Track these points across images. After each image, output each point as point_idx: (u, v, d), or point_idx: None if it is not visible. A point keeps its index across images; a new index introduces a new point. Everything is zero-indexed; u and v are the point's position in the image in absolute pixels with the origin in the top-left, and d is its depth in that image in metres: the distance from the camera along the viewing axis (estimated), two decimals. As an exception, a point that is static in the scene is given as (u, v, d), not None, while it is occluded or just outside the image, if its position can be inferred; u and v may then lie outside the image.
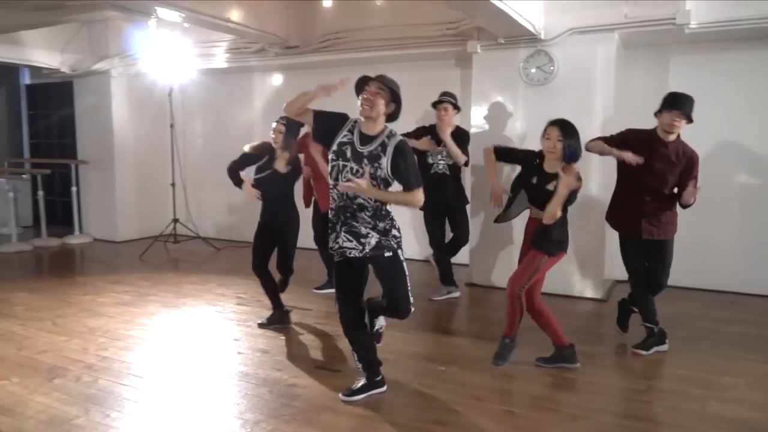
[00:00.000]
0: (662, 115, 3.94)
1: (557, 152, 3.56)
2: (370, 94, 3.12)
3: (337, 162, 3.19)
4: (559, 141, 3.55)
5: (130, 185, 8.63)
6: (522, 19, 4.97)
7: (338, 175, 3.18)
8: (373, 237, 3.19)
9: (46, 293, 5.66)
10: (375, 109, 3.11)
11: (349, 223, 3.20)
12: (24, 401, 3.30)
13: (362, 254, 3.19)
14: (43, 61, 8.17)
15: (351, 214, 3.20)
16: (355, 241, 3.19)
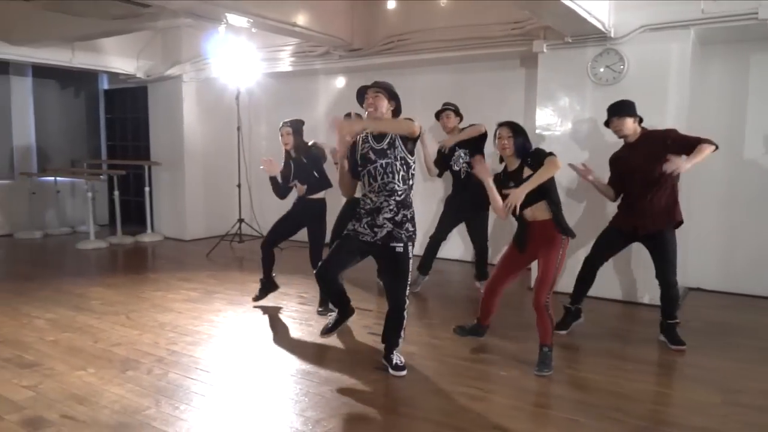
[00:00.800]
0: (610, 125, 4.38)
1: (511, 148, 3.86)
2: (371, 98, 3.61)
3: (365, 169, 3.66)
4: (510, 137, 3.85)
5: (199, 186, 8.93)
6: (591, 17, 4.84)
7: (371, 179, 3.63)
8: (386, 227, 3.62)
9: (120, 289, 5.91)
10: (379, 110, 3.59)
11: (373, 216, 3.64)
12: (99, 391, 3.45)
13: (373, 240, 3.64)
14: (120, 67, 8.58)
15: (377, 209, 3.62)
16: (369, 230, 3.65)
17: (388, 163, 3.59)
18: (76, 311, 5.08)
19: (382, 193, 3.61)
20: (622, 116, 4.26)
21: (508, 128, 3.89)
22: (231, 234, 8.36)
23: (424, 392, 3.51)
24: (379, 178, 3.61)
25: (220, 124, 8.88)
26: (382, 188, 3.61)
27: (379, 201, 3.62)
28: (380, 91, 3.62)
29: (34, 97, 9.46)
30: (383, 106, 3.61)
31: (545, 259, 3.81)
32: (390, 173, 3.59)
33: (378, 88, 3.63)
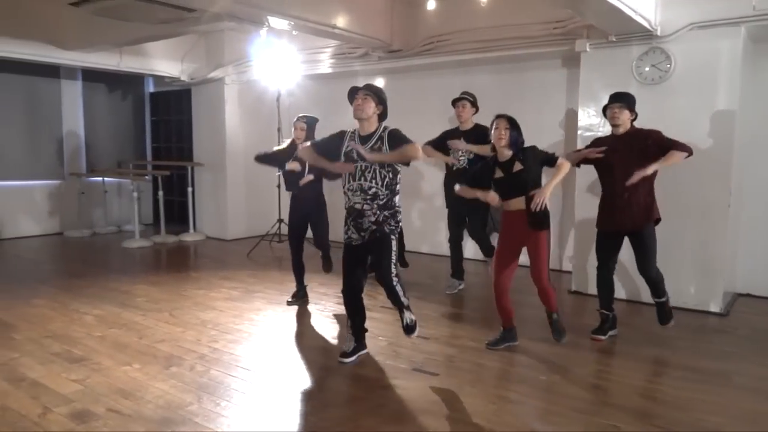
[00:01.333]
0: (606, 112, 4.40)
1: (506, 139, 3.98)
2: (360, 100, 3.77)
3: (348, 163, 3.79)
4: (507, 129, 3.97)
5: (240, 186, 9.08)
6: (637, 15, 4.73)
7: (351, 177, 3.80)
8: (370, 229, 3.80)
9: (164, 286, 6.05)
10: (365, 112, 3.77)
11: (356, 220, 3.82)
12: (144, 386, 3.54)
13: (362, 242, 3.85)
14: (166, 71, 8.81)
15: (358, 212, 3.79)
16: (357, 234, 3.85)
17: (367, 166, 3.74)
18: (122, 308, 5.22)
19: (359, 194, 3.77)
20: (623, 106, 4.27)
21: (506, 120, 4.02)
22: (271, 234, 8.46)
23: (462, 395, 3.48)
24: (358, 178, 3.77)
25: (260, 126, 9.01)
26: (359, 189, 3.77)
27: (360, 203, 3.78)
28: (369, 95, 3.79)
29: (84, 100, 9.77)
30: (370, 108, 3.77)
31: (535, 244, 4.02)
32: (370, 177, 3.75)
33: (368, 91, 3.80)
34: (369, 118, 3.79)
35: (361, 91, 3.81)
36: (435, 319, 4.97)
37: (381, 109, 3.83)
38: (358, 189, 3.78)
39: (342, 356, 3.98)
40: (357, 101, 3.79)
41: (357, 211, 3.80)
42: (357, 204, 3.79)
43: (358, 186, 3.77)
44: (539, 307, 5.29)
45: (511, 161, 4.02)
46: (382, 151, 3.73)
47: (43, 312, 5.05)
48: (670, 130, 5.12)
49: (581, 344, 4.34)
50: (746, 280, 5.71)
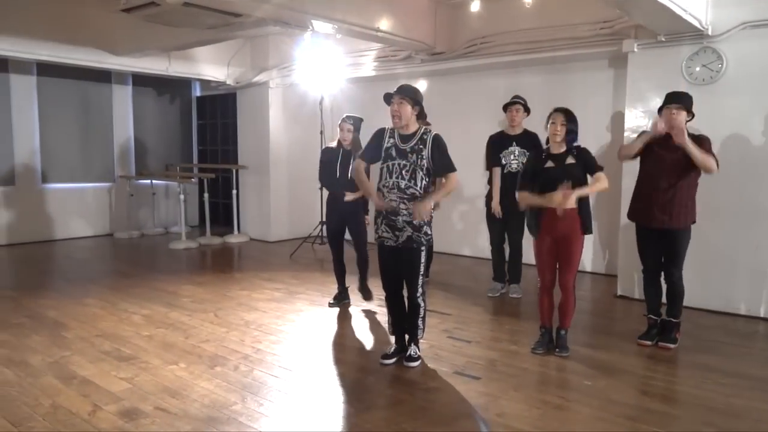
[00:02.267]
0: (663, 111, 4.17)
1: (562, 135, 3.95)
2: (396, 106, 3.75)
3: (385, 163, 3.84)
4: (563, 125, 3.94)
5: (283, 189, 9.19)
6: (687, 14, 4.60)
7: (388, 173, 3.80)
8: (406, 231, 3.79)
9: (209, 287, 6.17)
10: (403, 118, 3.75)
11: (389, 218, 3.81)
12: (190, 385, 3.61)
13: (396, 244, 3.83)
14: (212, 75, 8.99)
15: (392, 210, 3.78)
16: (391, 233, 3.83)
17: (406, 165, 3.75)
18: (168, 308, 5.34)
19: (396, 191, 3.76)
20: (681, 107, 4.11)
21: (564, 116, 3.97)
22: (313, 236, 8.54)
23: (504, 399, 3.44)
24: (394, 176, 3.77)
25: (304, 129, 9.10)
26: (396, 187, 3.76)
27: (396, 201, 3.76)
28: (404, 99, 3.74)
29: (134, 104, 10.06)
30: (407, 111, 3.75)
31: (569, 244, 4.00)
32: (407, 176, 3.75)
33: (402, 94, 3.76)
34: (408, 122, 3.79)
35: (396, 95, 3.78)
36: (477, 322, 4.94)
37: (418, 110, 3.81)
38: (395, 187, 3.77)
39: (383, 358, 4.00)
40: (393, 107, 3.77)
41: (392, 210, 3.79)
42: (393, 201, 3.78)
43: (395, 184, 3.77)
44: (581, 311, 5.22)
45: (564, 155, 4.00)
46: (423, 153, 3.74)
47: (93, 311, 5.21)
48: (722, 130, 5.00)
49: (628, 349, 4.25)
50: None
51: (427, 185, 3.80)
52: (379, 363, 3.96)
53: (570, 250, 4.02)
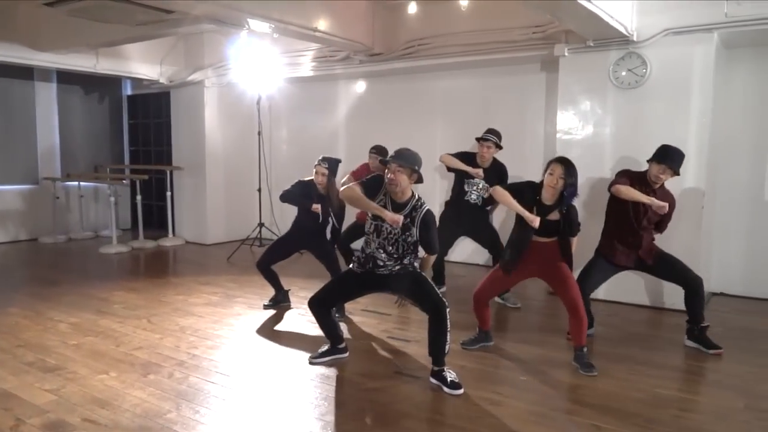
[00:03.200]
0: (652, 165, 4.25)
1: (558, 188, 3.75)
2: (393, 174, 3.58)
3: (375, 221, 3.72)
4: (561, 179, 3.72)
5: (220, 190, 9.00)
6: (614, 21, 4.79)
7: (376, 231, 3.71)
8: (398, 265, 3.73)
9: (142, 292, 5.97)
10: (400, 187, 3.61)
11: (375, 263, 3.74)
12: (121, 395, 3.48)
13: (389, 272, 3.73)
14: (144, 73, 8.70)
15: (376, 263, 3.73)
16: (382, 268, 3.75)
17: (396, 233, 3.66)
18: (98, 315, 5.13)
19: (382, 252, 3.70)
20: (670, 169, 4.17)
21: (563, 168, 3.74)
22: (251, 238, 8.41)
23: (443, 397, 3.48)
24: (381, 236, 3.70)
25: (241, 129, 8.96)
26: (382, 248, 3.70)
27: (382, 260, 3.71)
28: (402, 167, 3.57)
29: (59, 103, 9.61)
30: (404, 180, 3.60)
31: (556, 272, 3.91)
32: (393, 242, 3.68)
33: (400, 162, 3.57)
34: (405, 189, 3.65)
35: (393, 163, 3.58)
36: (416, 322, 4.97)
37: (415, 177, 3.64)
38: (381, 247, 3.71)
39: (312, 356, 4.02)
40: (389, 174, 3.60)
41: (377, 263, 3.74)
42: (379, 260, 3.73)
43: (382, 244, 3.71)
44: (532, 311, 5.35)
45: (552, 207, 3.84)
46: (412, 231, 3.64)
47: (16, 321, 4.94)
48: (646, 132, 5.23)
49: (560, 344, 4.37)
50: (720, 279, 5.82)
51: (412, 257, 3.74)
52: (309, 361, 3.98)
53: (559, 273, 3.90)
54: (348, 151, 7.88)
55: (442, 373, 3.61)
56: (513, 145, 5.65)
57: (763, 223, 5.62)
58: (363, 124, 6.93)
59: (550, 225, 3.84)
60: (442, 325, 3.59)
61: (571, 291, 3.87)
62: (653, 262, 4.35)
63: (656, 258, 4.36)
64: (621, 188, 4.18)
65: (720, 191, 5.70)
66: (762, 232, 5.63)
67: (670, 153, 4.22)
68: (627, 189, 4.16)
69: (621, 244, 4.35)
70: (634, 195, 4.13)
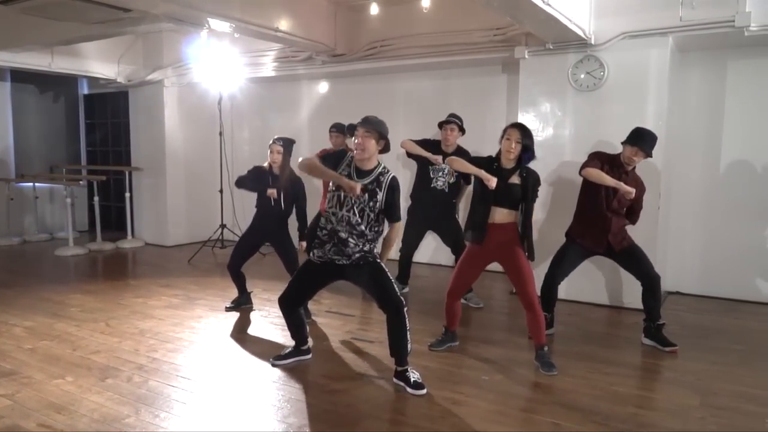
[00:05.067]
0: (625, 147, 4.34)
1: (515, 152, 3.84)
2: (360, 138, 3.55)
3: (339, 191, 3.62)
4: (518, 143, 3.82)
5: (181, 191, 8.86)
6: (572, 24, 4.89)
7: (338, 203, 3.61)
8: (357, 253, 3.61)
9: (100, 296, 5.83)
10: (367, 151, 3.55)
11: (338, 246, 3.61)
12: (78, 400, 3.40)
13: (349, 261, 3.62)
14: (101, 72, 8.50)
15: (342, 240, 3.59)
16: (342, 256, 3.63)
17: (359, 202, 3.55)
18: (54, 319, 5.00)
19: (345, 225, 3.57)
20: (643, 151, 4.26)
21: (519, 132, 3.84)
22: (213, 239, 8.30)
23: (406, 398, 3.50)
24: (344, 208, 3.58)
25: (202, 129, 8.83)
26: (346, 221, 3.57)
27: (345, 234, 3.58)
28: (370, 131, 3.54)
29: (12, 102, 9.32)
30: (371, 146, 3.55)
31: (515, 258, 3.91)
32: (358, 212, 3.56)
33: (368, 126, 3.55)
34: (371, 155, 3.59)
35: (361, 128, 3.56)
36: (380, 322, 4.95)
37: (383, 144, 3.61)
38: (344, 220, 3.57)
39: (275, 358, 4.00)
40: (357, 138, 3.56)
41: (340, 239, 3.59)
42: (341, 233, 3.58)
43: (346, 217, 3.57)
44: (493, 311, 5.41)
45: (511, 171, 3.89)
46: (378, 196, 3.55)
47: (-33, 325, 4.79)
48: (604, 134, 5.34)
49: (521, 344, 4.44)
50: (675, 278, 5.98)
51: (376, 227, 3.63)
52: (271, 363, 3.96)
53: (517, 260, 3.90)
54: (311, 152, 7.83)
55: (406, 373, 3.62)
56: (474, 146, 5.70)
57: (717, 222, 5.80)
58: (326, 124, 6.90)
59: (510, 189, 3.86)
60: (401, 325, 3.59)
61: (527, 285, 3.90)
62: (621, 250, 4.41)
63: (625, 248, 4.42)
64: (591, 171, 4.25)
65: (675, 192, 5.87)
66: (716, 231, 5.81)
67: (643, 135, 4.30)
68: (596, 172, 4.23)
69: (590, 228, 4.43)
70: (602, 178, 4.20)
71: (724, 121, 5.70)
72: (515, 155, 3.85)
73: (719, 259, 5.81)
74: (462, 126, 5.48)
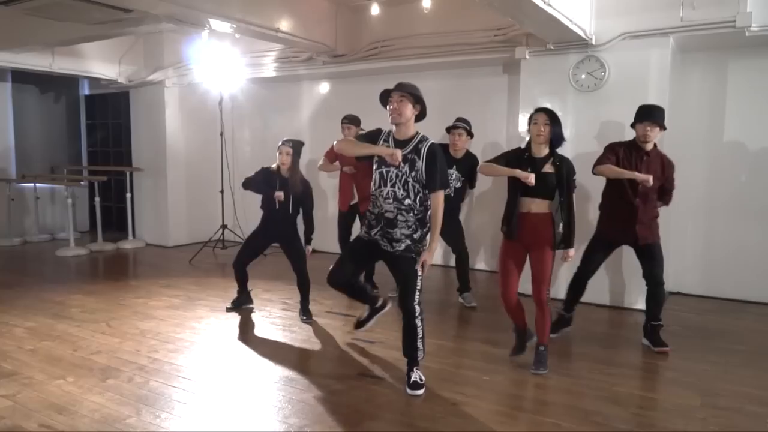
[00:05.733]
0: (636, 126, 4.28)
1: (545, 135, 3.75)
2: (396, 102, 3.44)
3: (380, 169, 3.53)
4: (546, 125, 3.74)
5: (181, 192, 8.87)
6: (573, 25, 4.89)
7: (382, 180, 3.49)
8: (404, 243, 3.50)
9: (101, 296, 5.83)
10: (403, 116, 3.45)
11: (385, 229, 3.52)
12: (79, 400, 3.40)
13: (392, 250, 3.53)
14: (102, 73, 8.51)
15: (389, 221, 3.48)
16: (387, 243, 3.54)
17: (400, 174, 3.44)
18: (55, 319, 5.00)
19: (392, 202, 3.45)
20: (655, 123, 4.19)
21: (546, 115, 3.76)
22: (214, 240, 8.30)
23: (408, 398, 3.50)
24: (389, 184, 3.46)
25: (203, 130, 8.83)
26: (392, 197, 3.45)
27: (393, 212, 3.46)
28: (405, 96, 3.44)
29: (13, 103, 9.33)
30: (408, 110, 3.44)
31: (541, 254, 3.79)
32: (401, 185, 3.44)
33: (403, 91, 3.44)
34: (408, 121, 3.48)
35: (395, 92, 3.45)
36: (381, 323, 4.94)
37: (419, 109, 3.50)
38: (390, 197, 3.45)
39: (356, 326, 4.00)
40: (392, 104, 3.44)
41: (388, 221, 3.46)
42: (389, 213, 3.45)
43: (391, 193, 3.45)
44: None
45: (545, 159, 3.78)
46: (417, 164, 3.42)
47: (-32, 325, 4.79)
48: (606, 134, 5.33)
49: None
50: (675, 278, 5.97)
51: (424, 199, 3.48)
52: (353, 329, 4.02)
53: (543, 255, 3.79)
54: (312, 153, 7.84)
55: (410, 372, 3.61)
56: (475, 147, 5.71)
57: (717, 223, 5.79)
58: (326, 124, 6.92)
59: (544, 178, 3.75)
60: (413, 331, 3.58)
61: (542, 284, 3.81)
62: (645, 245, 4.29)
63: (649, 245, 4.29)
64: (601, 169, 4.19)
65: (676, 192, 5.82)
66: (717, 231, 5.81)
67: (650, 109, 4.27)
68: (608, 168, 4.15)
69: (617, 218, 4.33)
70: (616, 172, 4.12)
71: (725, 122, 5.69)
72: (546, 138, 3.75)
73: (720, 259, 5.81)
74: (470, 131, 5.43)
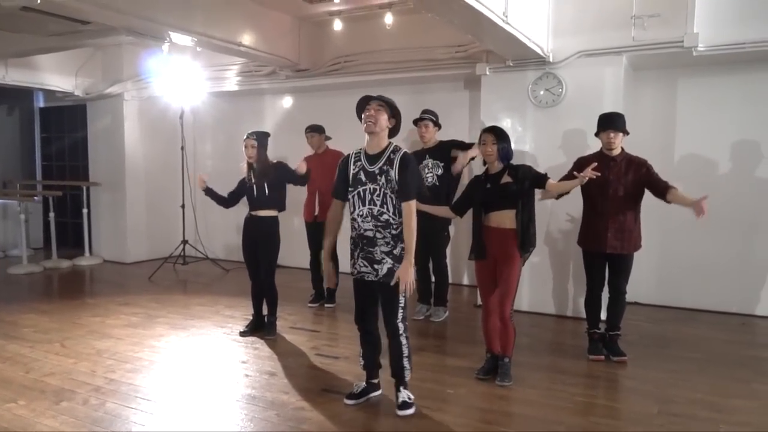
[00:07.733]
0: (600, 135, 4.41)
1: (494, 154, 3.93)
2: (373, 110, 3.40)
3: (355, 190, 3.46)
4: (494, 144, 3.92)
5: (141, 207, 8.69)
6: (531, 43, 5.00)
7: (360, 200, 3.44)
8: (386, 264, 3.42)
9: (55, 315, 5.66)
10: (378, 124, 3.40)
11: (366, 249, 3.45)
12: (31, 424, 3.29)
13: (376, 278, 3.45)
14: (57, 85, 8.31)
15: (369, 240, 3.43)
16: (369, 266, 3.45)
17: (376, 189, 3.40)
18: (6, 340, 4.83)
19: (370, 220, 3.41)
20: (617, 131, 4.31)
21: (492, 135, 3.94)
22: (175, 256, 8.15)
23: (372, 413, 3.49)
24: (367, 203, 3.42)
25: (163, 144, 8.70)
26: (370, 215, 3.41)
27: (371, 231, 3.41)
28: (383, 105, 3.43)
29: (-36, 115, 9.07)
30: (383, 120, 3.42)
31: (507, 269, 3.88)
32: (380, 201, 3.40)
33: (380, 101, 3.45)
34: (381, 131, 3.43)
35: (375, 100, 3.43)
36: (346, 338, 4.95)
37: (394, 122, 3.48)
38: (368, 215, 3.40)
39: (348, 398, 3.63)
40: (368, 111, 3.40)
41: (367, 239, 3.42)
42: (368, 231, 3.41)
43: (368, 212, 3.40)
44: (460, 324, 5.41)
45: (500, 173, 3.94)
46: (390, 174, 3.36)
47: None
48: (564, 149, 5.46)
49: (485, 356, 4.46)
50: (633, 288, 6.06)
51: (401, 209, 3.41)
52: (344, 403, 3.59)
53: (510, 268, 3.87)
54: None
55: (398, 393, 3.55)
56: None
57: (672, 234, 5.95)
58: (290, 138, 6.90)
59: (505, 189, 3.88)
60: (397, 348, 3.50)
61: (506, 296, 3.88)
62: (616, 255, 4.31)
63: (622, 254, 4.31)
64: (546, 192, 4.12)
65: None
66: (671, 242, 5.97)
67: (608, 117, 4.40)
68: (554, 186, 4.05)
69: (590, 229, 4.41)
70: (562, 187, 4.09)
71: (675, 136, 5.89)
72: (495, 156, 3.93)
73: (676, 269, 5.97)
74: (437, 121, 5.49)
